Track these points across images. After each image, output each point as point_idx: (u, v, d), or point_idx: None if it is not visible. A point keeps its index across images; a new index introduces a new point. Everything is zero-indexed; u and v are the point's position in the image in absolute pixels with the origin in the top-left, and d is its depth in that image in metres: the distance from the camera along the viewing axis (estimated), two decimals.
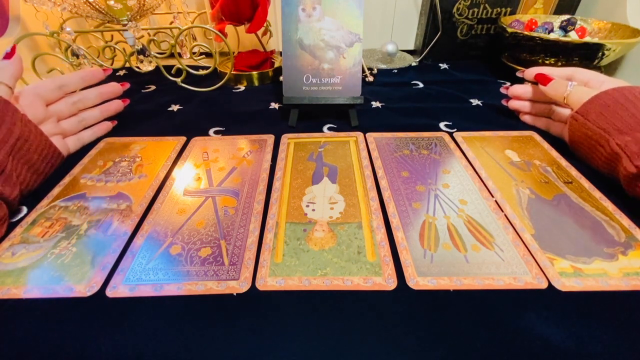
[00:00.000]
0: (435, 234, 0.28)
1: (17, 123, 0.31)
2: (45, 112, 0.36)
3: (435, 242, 0.27)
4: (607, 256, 0.26)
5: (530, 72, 0.41)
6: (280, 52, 0.53)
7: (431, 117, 0.45)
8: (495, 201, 0.31)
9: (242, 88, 0.57)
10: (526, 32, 0.51)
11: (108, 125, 0.43)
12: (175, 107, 0.50)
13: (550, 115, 0.42)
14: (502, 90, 0.45)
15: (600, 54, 0.48)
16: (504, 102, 0.46)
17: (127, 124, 0.45)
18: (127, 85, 0.45)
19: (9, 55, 0.34)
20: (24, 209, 0.31)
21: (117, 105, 0.44)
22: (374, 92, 0.54)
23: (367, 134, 0.42)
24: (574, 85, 0.36)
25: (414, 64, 0.65)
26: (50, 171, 0.35)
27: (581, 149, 0.35)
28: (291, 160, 0.37)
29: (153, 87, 0.57)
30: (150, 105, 0.51)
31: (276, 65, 0.60)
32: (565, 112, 0.39)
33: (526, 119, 0.44)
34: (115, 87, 0.43)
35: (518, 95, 0.44)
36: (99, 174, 0.36)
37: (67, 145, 0.38)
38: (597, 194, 0.32)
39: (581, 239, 0.27)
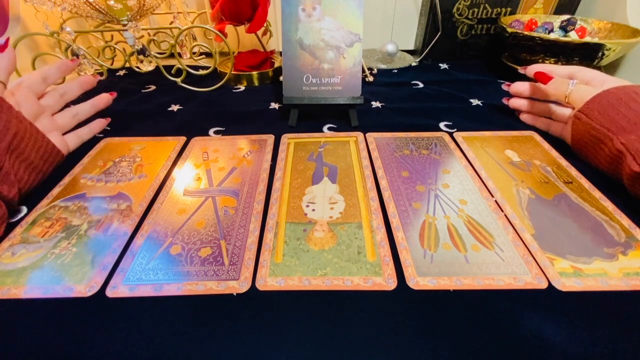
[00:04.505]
0: (435, 234, 0.28)
1: (13, 120, 0.31)
2: (39, 107, 0.35)
3: (435, 242, 0.27)
4: (607, 256, 0.26)
5: (532, 69, 0.41)
6: (280, 52, 0.53)
7: (431, 117, 0.45)
8: (495, 201, 0.31)
9: (242, 88, 0.57)
10: (526, 32, 0.51)
11: (103, 123, 0.43)
12: (175, 107, 0.50)
13: (551, 115, 0.42)
14: (504, 87, 0.45)
15: (600, 54, 0.48)
16: (504, 100, 0.46)
17: (127, 124, 0.45)
18: (98, 77, 0.44)
19: (1, 48, 0.33)
20: (24, 209, 0.31)
21: (107, 99, 0.44)
22: (374, 92, 0.54)
23: (367, 134, 0.42)
24: (576, 84, 0.36)
25: (414, 64, 0.65)
26: (49, 170, 0.35)
27: (584, 148, 0.35)
28: (291, 160, 0.37)
29: (153, 87, 0.57)
30: (150, 105, 0.51)
31: (276, 65, 0.60)
32: (566, 111, 0.39)
33: (526, 118, 0.44)
34: (89, 78, 0.42)
35: (519, 93, 0.44)
36: (99, 174, 0.36)
37: (66, 142, 0.38)
38: (597, 194, 0.32)
39: (581, 239, 0.27)
